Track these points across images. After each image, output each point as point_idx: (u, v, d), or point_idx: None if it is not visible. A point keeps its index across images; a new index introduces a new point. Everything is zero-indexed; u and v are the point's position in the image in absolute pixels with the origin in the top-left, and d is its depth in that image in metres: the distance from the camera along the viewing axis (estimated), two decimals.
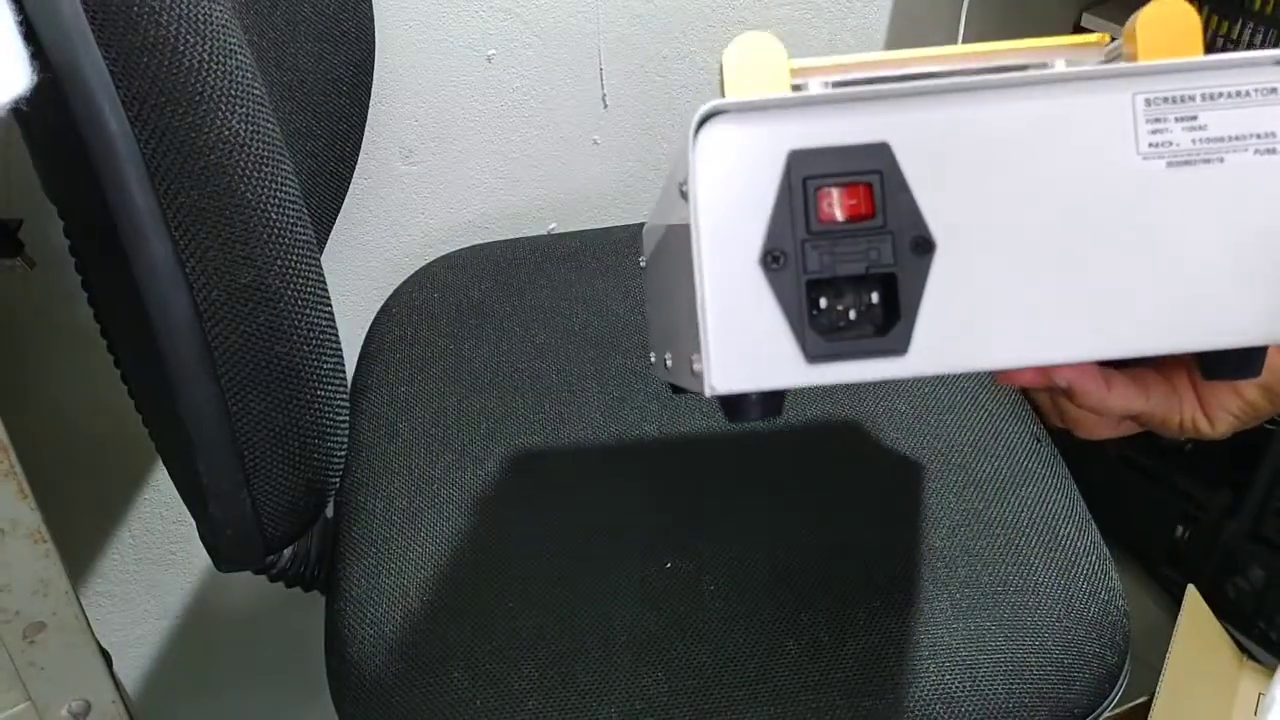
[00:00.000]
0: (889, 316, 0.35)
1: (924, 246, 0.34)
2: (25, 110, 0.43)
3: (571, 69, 0.99)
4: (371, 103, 0.88)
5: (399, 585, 0.65)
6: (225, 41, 0.50)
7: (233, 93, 0.49)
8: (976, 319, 0.35)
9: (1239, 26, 0.97)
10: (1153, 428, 0.47)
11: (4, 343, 0.88)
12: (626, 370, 0.77)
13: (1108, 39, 0.40)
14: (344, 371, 0.60)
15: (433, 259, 0.92)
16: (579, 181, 1.05)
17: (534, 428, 0.74)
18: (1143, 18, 0.36)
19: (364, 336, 0.87)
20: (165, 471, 0.65)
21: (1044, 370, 0.44)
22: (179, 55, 0.47)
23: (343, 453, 0.61)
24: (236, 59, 0.51)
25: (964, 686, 0.59)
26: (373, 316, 0.88)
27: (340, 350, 0.59)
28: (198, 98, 0.48)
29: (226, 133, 0.49)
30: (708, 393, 0.34)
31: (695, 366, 0.35)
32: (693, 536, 0.65)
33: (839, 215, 0.34)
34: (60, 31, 0.44)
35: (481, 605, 0.63)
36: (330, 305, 0.58)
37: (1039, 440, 0.72)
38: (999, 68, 0.41)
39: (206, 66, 0.48)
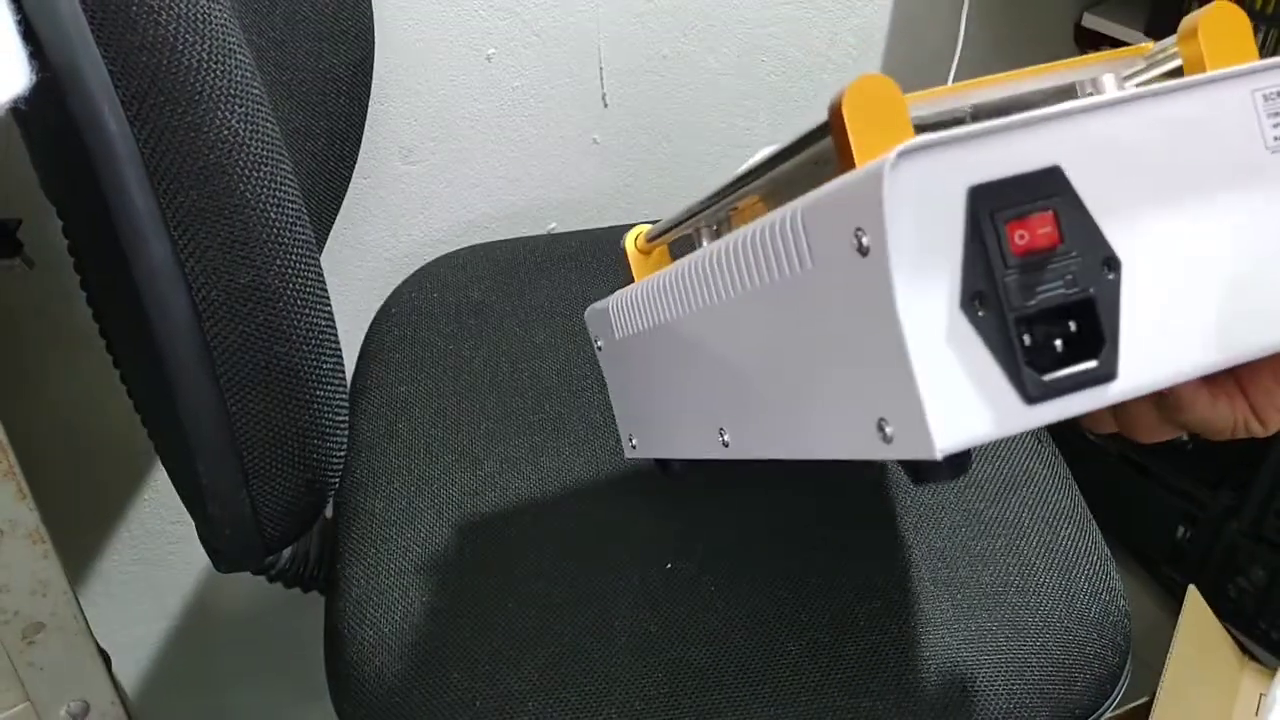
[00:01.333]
0: (1094, 342, 0.34)
1: (1112, 265, 0.34)
2: (24, 110, 0.43)
3: (571, 68, 0.99)
4: (371, 102, 0.88)
5: (399, 586, 0.64)
6: (224, 41, 0.50)
7: (232, 92, 0.49)
8: (1167, 328, 0.34)
9: None
10: (1207, 432, 0.46)
11: (3, 343, 0.88)
12: None
13: (1149, 48, 0.40)
14: (343, 371, 0.60)
15: (432, 259, 0.91)
16: (579, 181, 1.05)
17: (534, 428, 0.74)
18: (1204, 21, 0.37)
19: (363, 336, 0.86)
20: (164, 472, 0.65)
21: None
22: (178, 55, 0.47)
23: (342, 453, 0.61)
24: (235, 58, 0.50)
25: (965, 687, 0.59)
26: (372, 316, 0.88)
27: (339, 350, 0.59)
28: (197, 97, 0.48)
29: (225, 132, 0.49)
30: (937, 454, 0.32)
31: (890, 430, 0.34)
32: (693, 537, 0.65)
33: (1031, 246, 0.33)
34: (59, 31, 0.44)
35: (481, 606, 0.63)
36: (329, 305, 0.58)
37: (1039, 440, 0.71)
38: (1066, 85, 0.41)
39: (205, 66, 0.48)
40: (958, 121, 0.42)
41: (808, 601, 0.61)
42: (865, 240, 0.32)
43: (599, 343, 0.56)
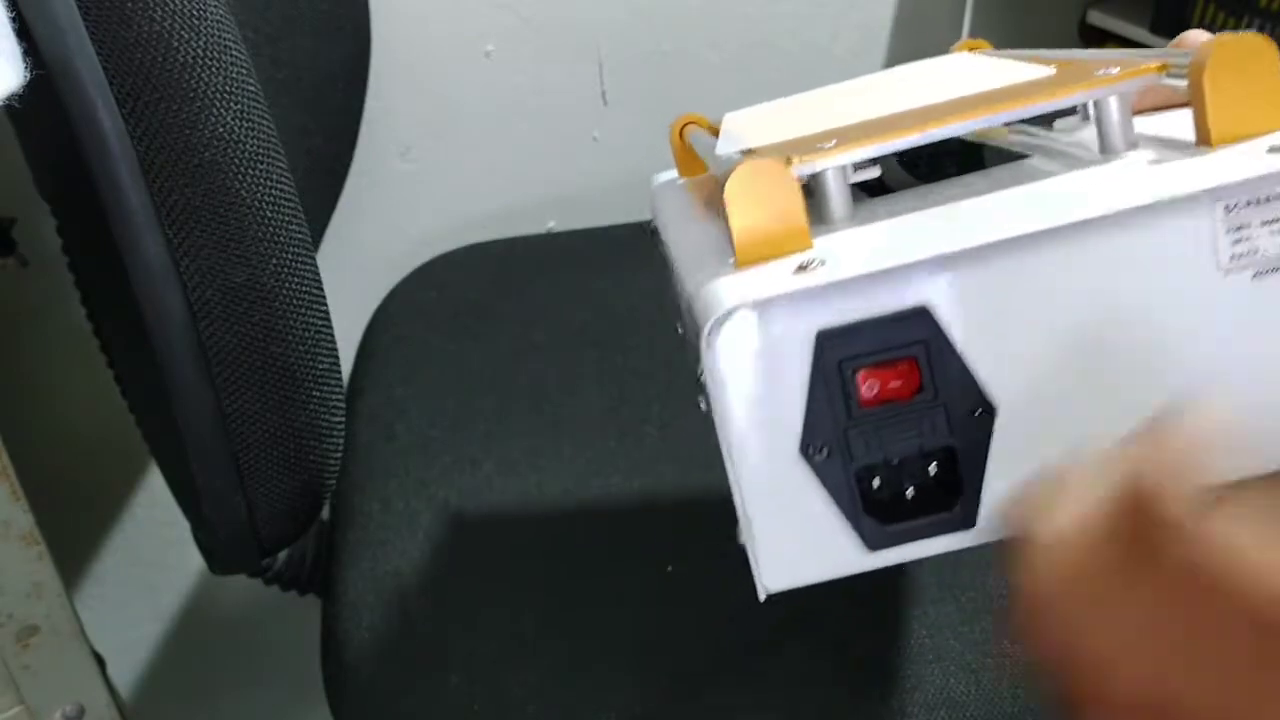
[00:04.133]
0: (951, 489, 0.31)
1: (983, 412, 0.31)
2: (18, 107, 0.43)
3: (571, 65, 0.99)
4: (368, 99, 0.88)
5: (396, 588, 0.64)
6: (220, 37, 0.50)
7: (227, 89, 0.49)
8: (1048, 474, 0.31)
9: (1244, 23, 0.97)
10: None
11: None
12: (626, 370, 0.77)
13: (1159, 66, 0.34)
14: (340, 372, 0.59)
15: (430, 258, 0.91)
16: (578, 179, 1.05)
17: (533, 429, 0.73)
18: (1213, 60, 0.31)
19: (360, 336, 0.86)
20: (160, 473, 0.64)
21: None
22: (173, 51, 0.47)
23: (339, 454, 0.60)
24: (231, 55, 0.50)
25: (969, 690, 0.58)
26: (369, 316, 0.87)
27: (336, 350, 0.59)
28: (192, 94, 0.47)
29: (221, 129, 0.48)
30: (761, 594, 0.32)
31: (743, 543, 0.33)
32: (693, 539, 0.65)
33: (882, 397, 0.30)
34: (53, 27, 0.44)
35: (480, 609, 0.62)
36: (326, 305, 0.57)
37: None
38: (1026, 135, 0.37)
39: (200, 62, 0.48)
40: (875, 189, 0.38)
41: (811, 604, 0.61)
42: (702, 379, 0.31)
43: (651, 224, 0.51)
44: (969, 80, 0.38)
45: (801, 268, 0.30)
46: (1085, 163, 0.34)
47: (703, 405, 0.33)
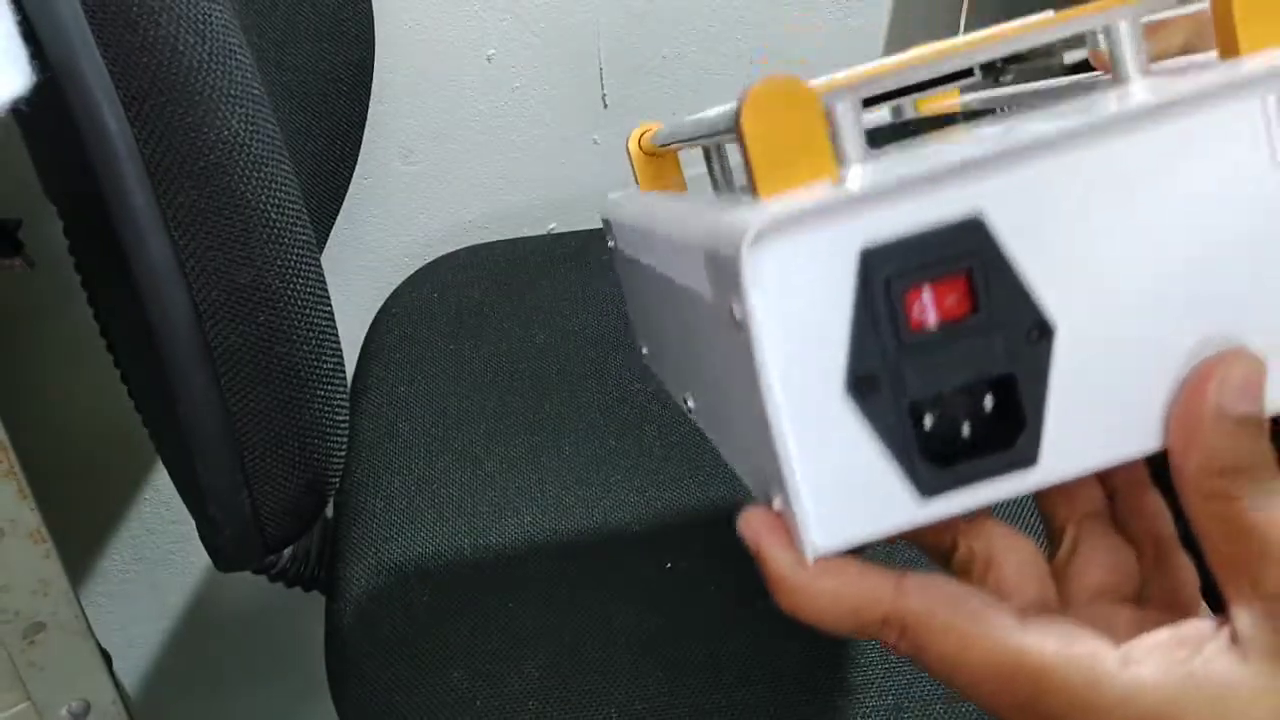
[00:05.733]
0: (1011, 423, 0.28)
1: (1042, 332, 0.28)
2: (25, 110, 0.43)
3: (571, 68, 0.99)
4: (371, 102, 0.88)
5: (399, 585, 0.64)
6: (225, 41, 0.50)
7: (232, 93, 0.49)
8: (1113, 401, 0.29)
9: None
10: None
11: (3, 343, 0.88)
12: (626, 370, 0.77)
13: None
14: (344, 371, 0.60)
15: (432, 259, 0.91)
16: (579, 181, 1.05)
17: (534, 428, 0.74)
18: None
19: (364, 336, 0.86)
20: (165, 471, 0.65)
21: None
22: (178, 55, 0.47)
23: (342, 453, 0.61)
24: (236, 59, 0.50)
25: None
26: (372, 316, 0.88)
27: (340, 350, 0.59)
28: (197, 97, 0.48)
29: (226, 133, 0.49)
30: (810, 555, 0.29)
31: (777, 505, 0.30)
32: (693, 536, 0.65)
33: (934, 319, 0.27)
34: (59, 31, 0.44)
35: (481, 605, 0.63)
36: (330, 305, 0.58)
37: None
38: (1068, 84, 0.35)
39: (206, 66, 0.48)
40: (911, 131, 0.36)
41: None
42: (736, 314, 0.27)
43: (610, 241, 0.49)
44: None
45: (832, 192, 0.27)
46: (1105, 90, 0.32)
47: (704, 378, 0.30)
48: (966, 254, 0.27)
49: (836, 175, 0.28)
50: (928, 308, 0.27)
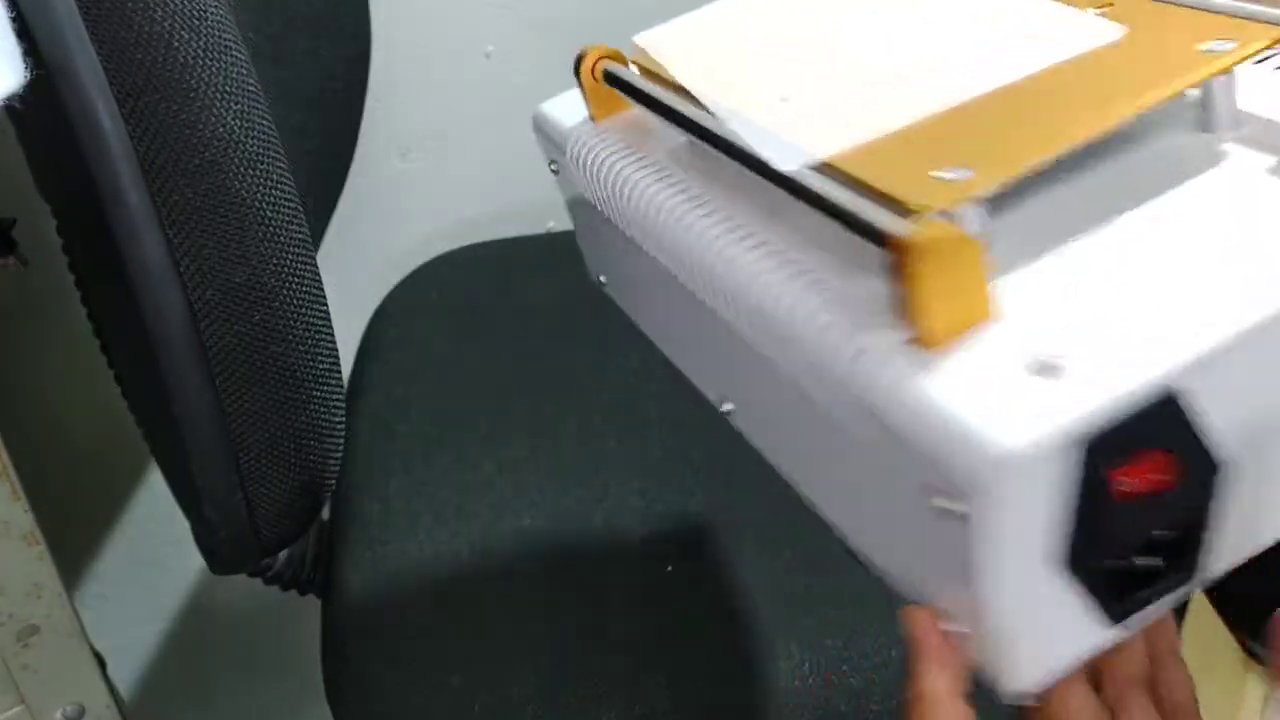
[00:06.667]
0: (1190, 552, 0.31)
1: (1220, 473, 0.30)
2: (18, 107, 0.43)
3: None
4: (368, 99, 0.88)
5: (396, 588, 0.64)
6: (220, 37, 0.49)
7: (227, 89, 0.49)
8: (1262, 505, 0.31)
9: None
10: None
11: None
12: (626, 370, 0.77)
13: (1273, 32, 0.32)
14: (340, 372, 0.59)
15: (430, 258, 0.91)
16: None
17: (533, 429, 0.73)
18: None
19: (361, 336, 0.86)
20: (160, 473, 0.64)
21: None
22: (173, 51, 0.46)
23: (339, 454, 0.60)
24: (231, 55, 0.50)
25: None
26: (370, 316, 0.87)
27: (336, 350, 0.58)
28: (192, 94, 0.47)
29: (221, 130, 0.48)
30: (1013, 695, 0.30)
31: (951, 628, 0.32)
32: (694, 539, 0.65)
33: (1139, 488, 0.28)
34: (53, 27, 0.44)
35: (480, 609, 0.62)
36: (326, 304, 0.57)
37: None
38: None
39: (201, 62, 0.48)
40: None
41: (811, 605, 0.61)
42: (951, 506, 0.28)
43: (553, 165, 0.47)
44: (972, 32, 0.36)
45: (1039, 371, 0.28)
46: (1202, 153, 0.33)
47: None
48: (1166, 429, 0.28)
49: (990, 315, 0.29)
50: (1134, 481, 0.28)
